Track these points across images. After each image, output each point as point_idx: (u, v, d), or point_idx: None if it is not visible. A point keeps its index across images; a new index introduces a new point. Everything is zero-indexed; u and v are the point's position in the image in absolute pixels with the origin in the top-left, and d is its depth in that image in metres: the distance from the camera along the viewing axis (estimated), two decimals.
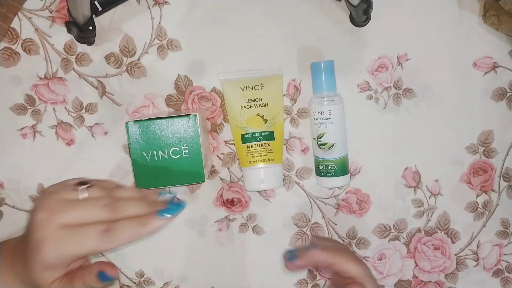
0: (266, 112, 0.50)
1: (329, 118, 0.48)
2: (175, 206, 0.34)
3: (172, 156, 0.43)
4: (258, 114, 0.50)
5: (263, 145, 0.50)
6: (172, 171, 0.43)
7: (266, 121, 0.50)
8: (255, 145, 0.50)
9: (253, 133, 0.50)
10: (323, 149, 0.49)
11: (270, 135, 0.50)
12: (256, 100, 0.50)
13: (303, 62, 0.50)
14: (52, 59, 0.50)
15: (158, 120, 0.43)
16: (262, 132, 0.50)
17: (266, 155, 0.50)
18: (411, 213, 0.53)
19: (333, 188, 0.52)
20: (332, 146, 0.48)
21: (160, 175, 0.43)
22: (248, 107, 0.50)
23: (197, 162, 0.43)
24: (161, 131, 0.43)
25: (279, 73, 0.50)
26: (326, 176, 0.49)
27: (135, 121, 0.43)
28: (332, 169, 0.49)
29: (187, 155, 0.43)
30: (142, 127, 0.43)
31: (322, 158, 0.49)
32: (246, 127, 0.50)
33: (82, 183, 0.35)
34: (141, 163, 0.43)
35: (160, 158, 0.43)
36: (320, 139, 0.49)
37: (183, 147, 0.43)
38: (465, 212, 0.53)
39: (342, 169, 0.49)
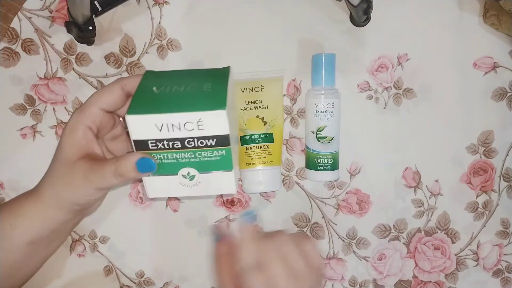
0: (266, 114, 0.50)
1: (332, 111, 0.48)
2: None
3: (189, 90, 0.34)
4: (257, 116, 0.49)
5: (262, 147, 0.49)
6: (184, 98, 0.34)
7: (265, 123, 0.49)
8: (254, 147, 0.49)
9: (253, 135, 0.49)
10: (322, 142, 0.49)
11: (269, 138, 0.50)
12: (256, 102, 0.49)
13: (303, 62, 0.50)
14: (52, 59, 0.50)
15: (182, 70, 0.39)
16: (262, 134, 0.49)
17: (265, 157, 0.49)
18: (411, 213, 0.53)
19: (325, 182, 0.52)
20: (332, 139, 0.48)
21: (165, 101, 0.33)
22: (248, 109, 0.49)
23: (221, 93, 0.34)
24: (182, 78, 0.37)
25: (280, 76, 0.50)
26: (323, 170, 0.49)
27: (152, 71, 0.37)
28: (328, 163, 0.49)
29: (209, 89, 0.34)
30: (159, 74, 0.37)
31: (320, 152, 0.49)
32: (245, 129, 0.50)
33: None
34: (146, 92, 0.35)
35: (173, 90, 0.34)
36: (320, 132, 0.49)
37: (205, 84, 0.35)
38: (465, 212, 0.53)
39: (336, 163, 0.50)
